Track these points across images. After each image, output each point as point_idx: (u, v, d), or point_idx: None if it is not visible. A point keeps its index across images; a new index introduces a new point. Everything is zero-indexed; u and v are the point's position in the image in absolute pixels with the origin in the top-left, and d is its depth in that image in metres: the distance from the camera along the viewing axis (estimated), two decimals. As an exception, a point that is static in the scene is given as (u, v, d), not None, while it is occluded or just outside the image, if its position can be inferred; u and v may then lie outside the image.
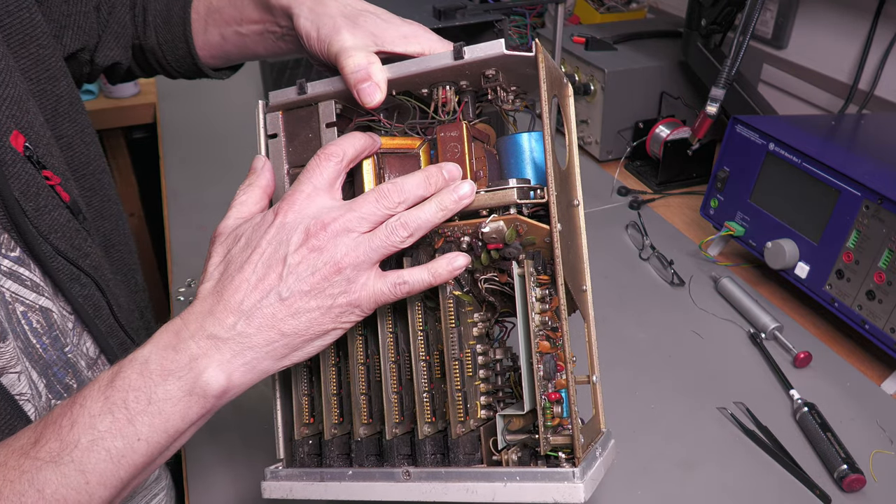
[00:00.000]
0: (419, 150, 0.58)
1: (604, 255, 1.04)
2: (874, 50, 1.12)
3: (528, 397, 0.51)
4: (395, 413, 0.56)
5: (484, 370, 0.57)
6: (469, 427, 0.55)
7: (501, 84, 0.57)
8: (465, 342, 0.55)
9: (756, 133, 0.93)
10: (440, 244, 0.55)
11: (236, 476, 0.72)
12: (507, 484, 0.50)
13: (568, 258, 0.53)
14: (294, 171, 0.61)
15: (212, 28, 0.75)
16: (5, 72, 0.59)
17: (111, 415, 0.45)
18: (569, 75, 1.32)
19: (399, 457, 0.56)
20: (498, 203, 0.53)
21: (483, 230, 0.53)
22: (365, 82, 0.56)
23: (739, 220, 0.97)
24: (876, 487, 0.67)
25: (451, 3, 0.98)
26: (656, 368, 0.83)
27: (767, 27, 1.30)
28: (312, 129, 0.60)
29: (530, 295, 0.52)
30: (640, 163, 1.28)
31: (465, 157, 0.55)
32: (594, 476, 0.50)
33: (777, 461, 0.70)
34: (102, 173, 0.74)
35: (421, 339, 0.56)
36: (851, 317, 0.81)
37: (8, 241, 0.57)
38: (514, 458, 0.52)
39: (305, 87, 0.59)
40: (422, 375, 0.55)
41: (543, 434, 0.50)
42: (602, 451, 0.54)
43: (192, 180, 1.29)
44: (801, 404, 0.75)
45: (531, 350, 0.51)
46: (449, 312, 0.54)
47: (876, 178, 0.79)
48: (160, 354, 0.48)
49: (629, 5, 1.67)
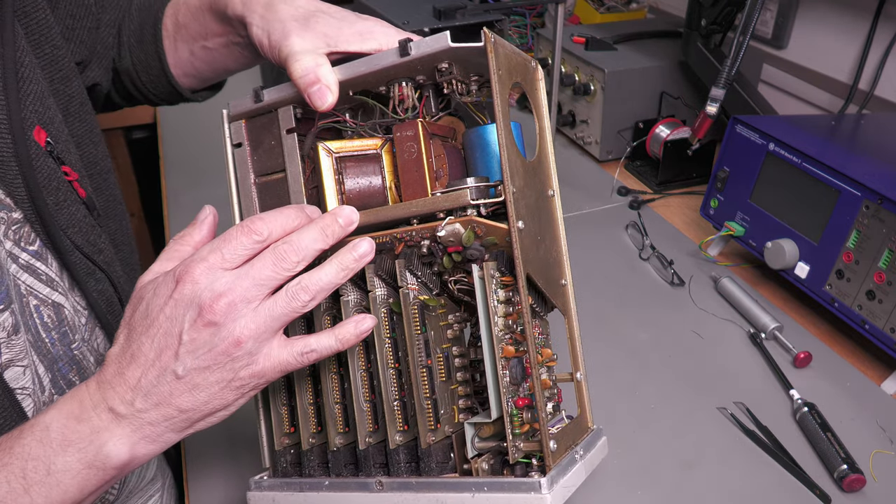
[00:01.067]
0: (381, 150, 0.56)
1: (604, 255, 1.04)
2: (874, 50, 1.12)
3: (495, 405, 0.50)
4: (368, 422, 0.55)
5: (462, 372, 0.56)
6: (443, 433, 0.54)
7: (456, 77, 0.54)
8: (437, 346, 0.54)
9: (756, 133, 0.93)
10: (400, 249, 0.53)
11: (237, 475, 0.72)
12: (474, 495, 0.49)
13: (539, 253, 0.52)
14: (260, 180, 0.59)
15: (181, 45, 0.75)
16: (29, 67, 0.59)
17: (7, 483, 0.45)
18: (569, 75, 1.32)
19: (374, 466, 0.55)
20: (453, 205, 0.51)
21: (439, 234, 0.51)
22: (314, 86, 0.54)
23: (739, 220, 0.97)
24: (876, 487, 0.67)
25: (451, 3, 0.98)
26: (656, 368, 0.83)
27: (767, 27, 1.30)
28: (274, 135, 0.58)
29: (491, 298, 0.50)
30: (640, 163, 1.28)
31: (421, 158, 0.53)
32: (568, 482, 0.49)
33: (777, 461, 0.70)
34: (109, 173, 0.75)
35: (388, 346, 0.54)
36: (851, 317, 0.81)
37: (28, 234, 0.57)
38: (484, 466, 0.51)
39: (262, 94, 0.58)
40: (391, 384, 0.54)
41: (512, 442, 0.49)
42: (585, 453, 0.52)
43: (192, 180, 1.29)
44: (801, 404, 0.75)
45: (495, 355, 0.50)
46: (413, 319, 0.53)
47: (876, 178, 0.79)
48: (62, 423, 0.47)
49: (629, 5, 1.67)
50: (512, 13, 1.50)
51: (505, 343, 0.50)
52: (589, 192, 1.22)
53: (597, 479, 0.69)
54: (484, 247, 0.51)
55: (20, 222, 0.57)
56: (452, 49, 0.51)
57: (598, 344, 0.85)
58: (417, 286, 0.53)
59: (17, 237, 0.57)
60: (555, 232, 0.56)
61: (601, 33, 1.39)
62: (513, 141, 0.51)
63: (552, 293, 0.54)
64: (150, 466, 0.71)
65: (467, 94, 0.56)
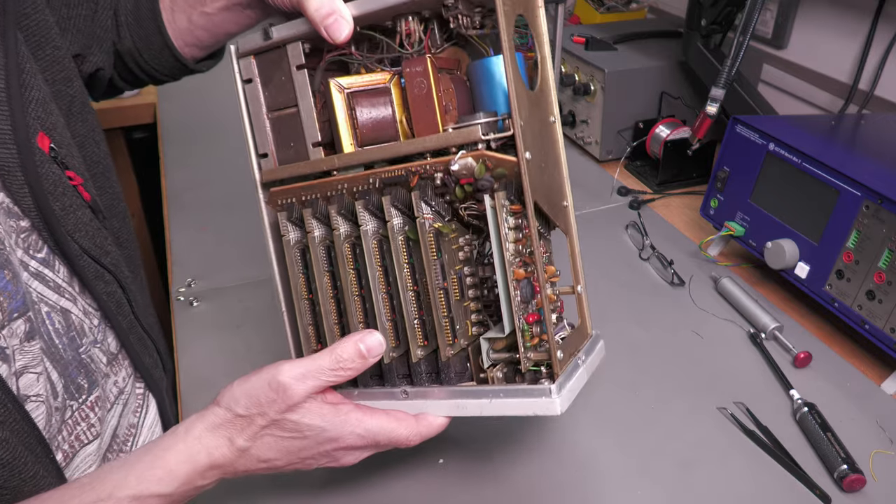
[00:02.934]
0: (390, 83, 0.58)
1: (604, 255, 1.04)
2: (874, 50, 1.12)
3: (507, 321, 0.55)
4: (390, 339, 0.60)
5: (473, 290, 0.60)
6: (459, 347, 0.59)
7: (462, 11, 0.56)
8: (451, 269, 0.58)
9: (756, 133, 0.93)
10: (415, 182, 0.57)
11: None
12: (492, 400, 0.56)
13: (543, 179, 0.55)
14: (272, 114, 0.62)
15: (179, 14, 0.75)
16: (30, 74, 0.59)
17: None
18: (569, 75, 1.32)
19: (398, 377, 0.61)
20: (464, 140, 0.54)
21: (452, 168, 0.54)
22: (330, 17, 0.55)
23: (739, 220, 0.97)
24: (876, 487, 0.67)
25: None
26: (656, 368, 0.83)
27: (767, 27, 1.30)
28: (284, 71, 0.60)
29: (503, 226, 0.54)
30: (640, 163, 1.28)
31: (431, 93, 0.55)
32: (573, 386, 0.55)
33: (777, 461, 0.70)
34: (110, 172, 0.75)
35: (407, 271, 0.58)
36: (851, 317, 0.81)
37: (36, 242, 0.58)
38: (498, 374, 0.57)
39: (270, 31, 0.60)
40: (411, 305, 0.59)
41: (524, 354, 0.55)
42: (586, 358, 0.59)
43: (192, 180, 1.29)
44: (801, 404, 0.75)
45: (507, 278, 0.54)
46: (430, 247, 0.57)
47: (876, 178, 0.79)
48: None
49: (629, 5, 1.67)
50: (512, 13, 1.50)
51: (516, 266, 0.55)
52: (589, 192, 1.22)
53: (597, 479, 0.69)
54: (494, 177, 0.54)
55: (28, 230, 0.57)
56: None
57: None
58: (432, 215, 0.57)
59: (26, 245, 0.57)
60: (556, 156, 0.58)
61: (601, 33, 1.39)
62: (519, 75, 0.52)
63: (555, 215, 0.57)
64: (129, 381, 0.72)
65: (472, 26, 0.58)
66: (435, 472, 0.65)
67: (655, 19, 1.64)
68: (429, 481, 0.69)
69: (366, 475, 0.69)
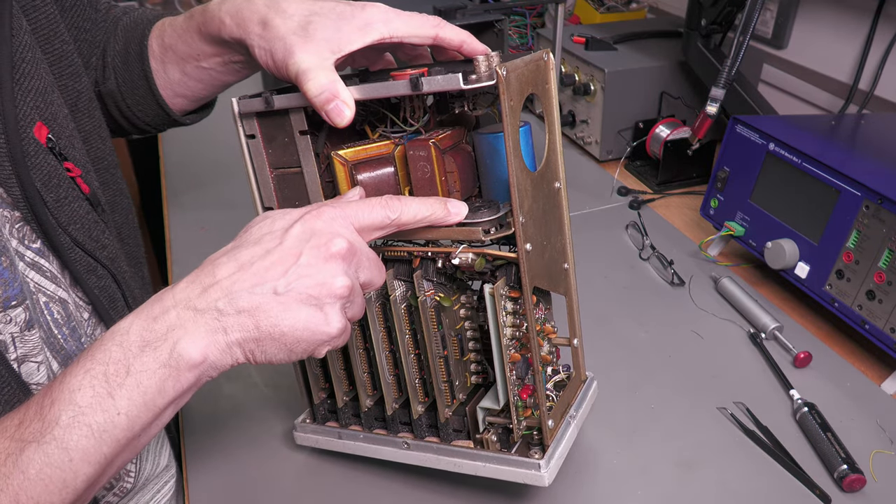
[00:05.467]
0: (393, 153, 0.59)
1: (604, 255, 1.04)
2: (874, 50, 1.12)
3: (502, 395, 0.59)
4: (393, 392, 0.65)
5: (473, 342, 0.64)
6: (458, 402, 0.63)
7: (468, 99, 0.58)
8: (451, 330, 0.61)
9: (756, 133, 0.93)
10: (417, 263, 0.59)
11: (237, 460, 0.72)
12: (486, 465, 0.61)
13: (545, 258, 0.57)
14: (276, 171, 0.62)
15: (170, 67, 0.73)
16: (31, 63, 0.59)
17: (91, 389, 0.45)
18: (569, 75, 1.32)
19: (400, 424, 0.66)
20: (466, 238, 0.55)
21: (454, 261, 0.57)
22: (331, 103, 0.55)
23: (739, 220, 0.97)
24: (876, 487, 0.67)
25: (451, 3, 0.98)
26: (656, 368, 0.83)
27: (767, 27, 1.30)
28: (287, 133, 0.60)
29: (500, 314, 0.56)
30: (640, 163, 1.28)
31: (434, 178, 0.56)
32: (562, 452, 0.60)
33: (777, 461, 0.70)
34: (115, 167, 0.75)
35: (408, 337, 0.62)
36: (851, 317, 0.81)
37: (30, 233, 0.57)
38: (493, 438, 0.61)
39: (272, 101, 0.59)
40: (412, 367, 0.63)
41: (517, 425, 0.60)
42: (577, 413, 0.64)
43: (192, 180, 1.29)
44: (801, 404, 0.75)
45: (503, 361, 0.58)
46: (431, 320, 0.59)
47: (876, 178, 0.79)
48: (141, 325, 0.47)
49: (629, 5, 1.67)
50: (512, 13, 1.50)
51: (512, 349, 0.58)
52: (589, 192, 1.22)
53: (597, 479, 0.69)
54: (494, 267, 0.57)
55: (21, 221, 0.57)
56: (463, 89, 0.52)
57: (598, 344, 0.85)
58: (433, 289, 0.59)
59: (21, 235, 0.57)
60: (560, 221, 0.60)
61: (601, 33, 1.39)
62: (523, 166, 0.53)
63: (555, 284, 0.60)
64: (162, 452, 0.71)
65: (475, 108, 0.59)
66: (432, 471, 0.65)
67: (655, 19, 1.64)
68: (425, 481, 0.69)
69: (365, 475, 0.69)
